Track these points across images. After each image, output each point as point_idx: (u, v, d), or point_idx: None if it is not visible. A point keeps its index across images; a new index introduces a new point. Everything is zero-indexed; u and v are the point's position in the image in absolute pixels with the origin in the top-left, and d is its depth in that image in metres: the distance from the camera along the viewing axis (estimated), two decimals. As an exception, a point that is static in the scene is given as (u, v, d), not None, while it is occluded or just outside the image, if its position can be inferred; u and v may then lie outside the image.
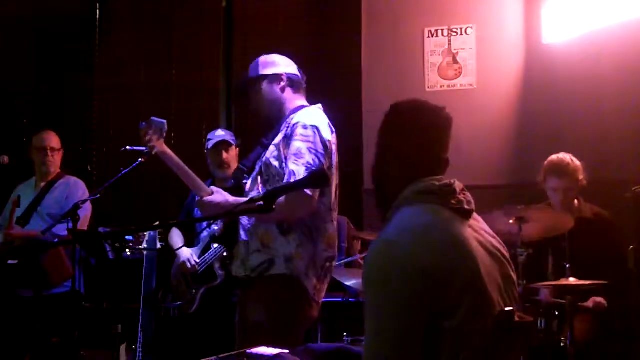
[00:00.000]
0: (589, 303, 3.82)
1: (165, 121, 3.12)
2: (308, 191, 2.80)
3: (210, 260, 4.11)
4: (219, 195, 2.98)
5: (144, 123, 3.10)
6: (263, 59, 3.13)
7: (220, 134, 4.44)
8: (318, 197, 2.87)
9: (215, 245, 4.10)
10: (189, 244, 4.26)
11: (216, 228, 4.00)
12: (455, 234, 1.80)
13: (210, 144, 4.35)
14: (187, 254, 4.17)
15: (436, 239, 1.78)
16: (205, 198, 2.98)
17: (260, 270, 2.91)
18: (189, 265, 4.13)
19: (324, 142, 2.90)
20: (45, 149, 4.73)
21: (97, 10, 6.15)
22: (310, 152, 2.85)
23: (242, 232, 3.02)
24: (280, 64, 3.12)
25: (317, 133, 2.89)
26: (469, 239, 1.81)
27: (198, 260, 4.16)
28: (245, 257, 2.97)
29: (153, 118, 3.10)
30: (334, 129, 3.02)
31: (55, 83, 6.11)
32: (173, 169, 3.10)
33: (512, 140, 5.15)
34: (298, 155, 2.85)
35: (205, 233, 4.13)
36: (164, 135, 3.10)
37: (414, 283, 1.70)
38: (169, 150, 3.10)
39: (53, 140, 4.78)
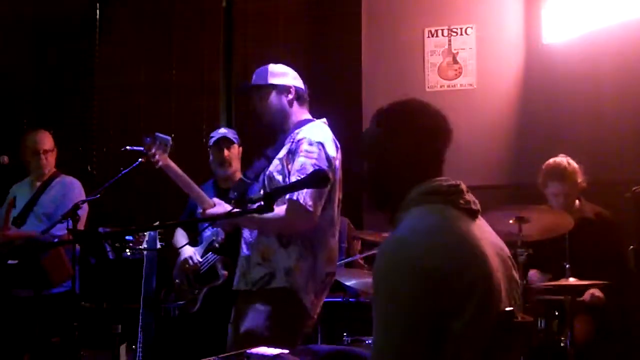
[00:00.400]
0: (585, 296, 3.82)
1: (170, 137, 3.17)
2: (310, 206, 2.82)
3: (213, 260, 4.10)
4: (220, 207, 3.04)
5: (148, 139, 3.13)
6: (272, 67, 3.14)
7: (222, 131, 4.44)
8: (320, 211, 2.89)
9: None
10: (192, 243, 4.26)
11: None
12: (466, 234, 1.80)
13: (211, 141, 4.35)
14: (190, 252, 4.16)
15: (448, 238, 1.77)
16: (207, 211, 3.03)
17: (261, 284, 2.94)
18: (191, 262, 4.13)
19: (328, 158, 2.92)
20: (38, 152, 4.67)
21: (97, 10, 6.14)
22: (314, 168, 2.86)
23: (243, 246, 3.05)
24: (289, 76, 3.13)
25: (322, 149, 2.91)
26: (479, 239, 1.81)
27: (200, 259, 4.15)
28: (247, 271, 3.00)
29: (158, 134, 3.14)
30: (339, 145, 3.03)
31: (55, 83, 6.11)
32: (176, 182, 3.18)
33: (512, 140, 5.15)
34: (302, 171, 2.86)
35: (207, 232, 4.12)
36: (168, 150, 3.14)
37: (424, 282, 1.69)
38: (172, 164, 3.17)
39: (46, 142, 4.71)
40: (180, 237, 4.38)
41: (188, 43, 5.99)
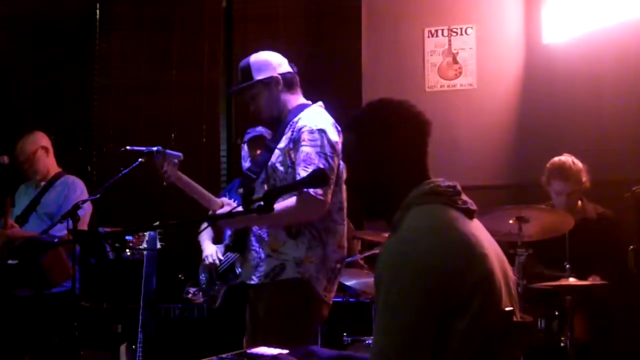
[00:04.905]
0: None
1: (180, 154, 3.18)
2: (320, 195, 2.81)
3: (232, 259, 4.09)
4: (228, 208, 3.04)
5: (158, 156, 3.15)
6: (254, 62, 3.07)
7: (260, 129, 4.41)
8: (330, 198, 2.88)
9: None
10: (216, 240, 4.27)
11: None
12: (468, 233, 1.80)
13: (247, 137, 4.33)
14: (211, 250, 4.16)
15: (452, 237, 1.78)
16: (217, 212, 3.04)
17: (272, 276, 2.94)
18: (211, 260, 4.14)
19: (331, 144, 2.91)
20: (19, 164, 4.63)
21: (97, 10, 6.14)
22: (319, 156, 2.86)
23: (252, 239, 3.04)
24: (273, 65, 3.07)
25: (324, 136, 2.90)
26: (479, 238, 1.81)
27: (221, 257, 4.14)
28: (257, 264, 3.00)
29: (167, 151, 3.17)
30: (339, 128, 3.01)
31: (55, 83, 6.11)
32: (185, 191, 3.18)
33: (512, 140, 5.14)
34: (307, 161, 2.86)
35: (229, 230, 4.12)
36: (178, 164, 3.15)
37: (429, 282, 1.70)
38: (182, 176, 3.17)
39: (21, 153, 4.64)
40: (205, 232, 4.37)
41: (188, 43, 5.99)
